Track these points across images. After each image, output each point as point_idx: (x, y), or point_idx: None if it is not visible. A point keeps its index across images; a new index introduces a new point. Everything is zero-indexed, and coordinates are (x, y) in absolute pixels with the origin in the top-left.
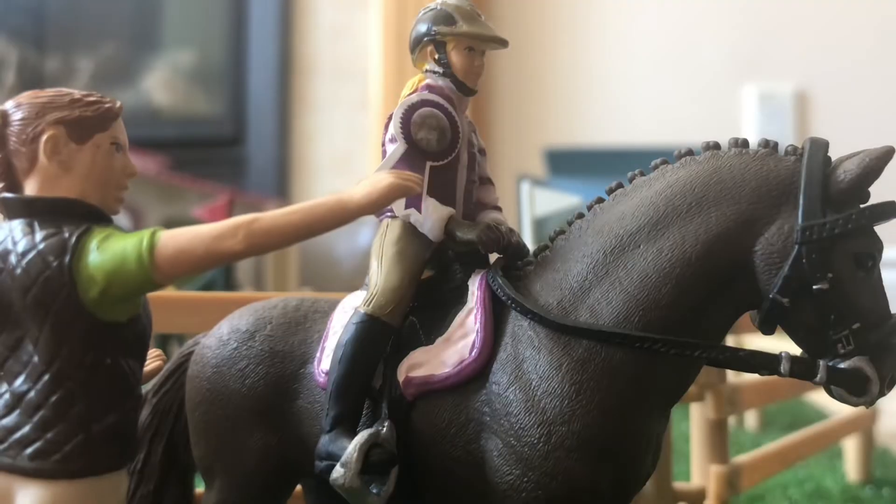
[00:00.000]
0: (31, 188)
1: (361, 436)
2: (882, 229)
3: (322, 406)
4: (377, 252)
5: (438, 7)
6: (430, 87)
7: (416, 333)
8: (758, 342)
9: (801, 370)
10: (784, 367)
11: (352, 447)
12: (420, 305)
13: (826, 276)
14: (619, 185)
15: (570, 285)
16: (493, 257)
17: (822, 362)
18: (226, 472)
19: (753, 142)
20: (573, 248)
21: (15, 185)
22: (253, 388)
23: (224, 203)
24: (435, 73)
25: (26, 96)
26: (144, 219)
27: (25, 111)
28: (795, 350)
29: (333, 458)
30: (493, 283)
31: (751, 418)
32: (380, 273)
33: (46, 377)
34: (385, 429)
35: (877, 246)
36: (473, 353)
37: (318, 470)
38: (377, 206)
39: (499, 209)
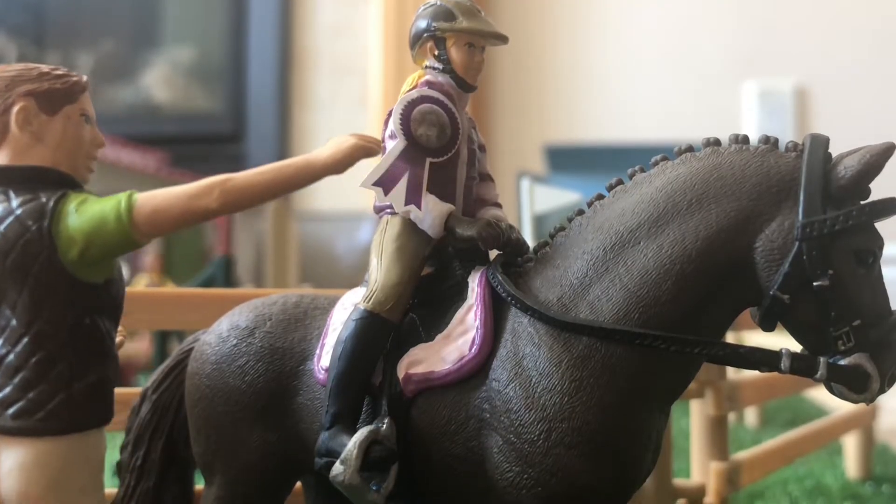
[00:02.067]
0: (2, 158)
1: (361, 433)
2: (882, 226)
3: (322, 403)
4: (377, 249)
5: (438, 3)
6: (429, 84)
7: (416, 330)
8: (758, 339)
9: (802, 367)
10: (784, 363)
11: (352, 444)
12: (420, 302)
13: (826, 272)
14: (620, 182)
15: (571, 282)
16: (493, 254)
17: (822, 359)
18: (226, 469)
19: (754, 138)
20: (573, 244)
21: None
22: (253, 384)
23: None
24: (435, 69)
25: None
26: None
27: None
28: (796, 347)
29: (333, 454)
30: (493, 279)
31: (751, 415)
32: (380, 269)
33: (26, 339)
34: (385, 426)
35: (877, 242)
36: (473, 350)
37: (318, 467)
38: (341, 165)
39: (499, 206)
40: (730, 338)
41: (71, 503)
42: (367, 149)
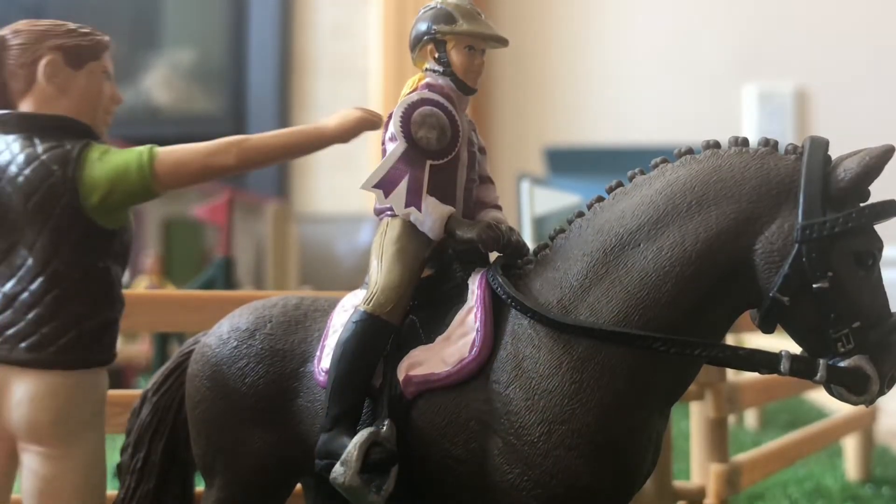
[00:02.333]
0: (25, 107)
1: (361, 434)
2: (882, 228)
3: (322, 405)
4: (377, 250)
5: (438, 6)
6: (430, 86)
7: (416, 332)
8: (758, 341)
9: (801, 369)
10: (784, 365)
11: (352, 446)
12: (420, 304)
13: (826, 274)
14: (619, 184)
15: (571, 284)
16: (493, 256)
17: (822, 361)
18: (226, 471)
19: (753, 140)
20: (573, 246)
21: (8, 105)
22: (253, 386)
23: (224, 201)
24: (435, 71)
25: (24, 24)
26: (143, 217)
27: (24, 37)
28: (795, 349)
29: (333, 456)
30: (493, 281)
31: (751, 417)
32: (380, 271)
33: (41, 278)
34: (385, 427)
35: (877, 244)
36: (473, 352)
37: (318, 468)
38: (348, 135)
39: (499, 208)
40: (730, 340)
41: (75, 434)
42: (371, 122)
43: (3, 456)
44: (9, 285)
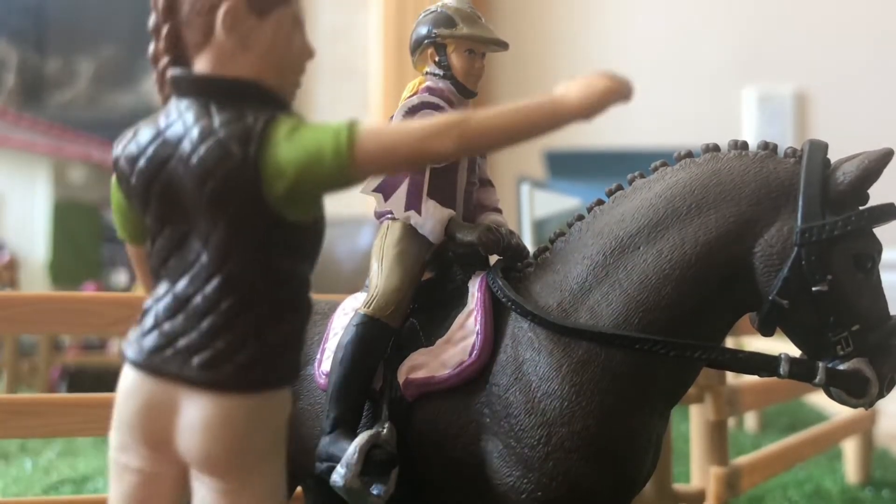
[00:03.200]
0: (201, 65)
1: (362, 437)
2: (881, 231)
3: (322, 407)
4: (377, 254)
5: (439, 9)
6: (430, 90)
7: (417, 335)
8: (757, 344)
9: (801, 372)
10: (783, 368)
11: (352, 448)
12: (420, 307)
13: (825, 277)
14: (619, 187)
15: (570, 287)
16: (493, 259)
17: (821, 364)
18: None
19: (753, 144)
20: (573, 249)
21: (182, 60)
22: None
23: None
24: (435, 75)
25: None
26: None
27: None
28: (795, 352)
29: (334, 459)
30: (493, 284)
31: (750, 420)
32: (380, 275)
33: (217, 280)
34: (385, 430)
35: (876, 247)
36: (473, 355)
37: (319, 471)
38: (594, 111)
39: (499, 211)
40: (729, 343)
41: (253, 465)
42: (620, 92)
43: (170, 481)
44: (181, 284)
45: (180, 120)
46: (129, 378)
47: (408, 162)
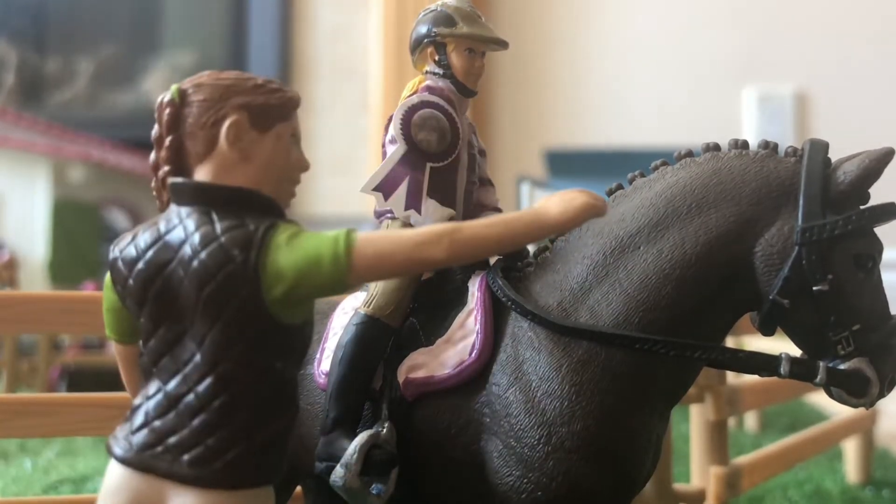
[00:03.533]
0: (203, 174)
1: (361, 437)
2: (882, 230)
3: (322, 407)
4: None
5: (439, 8)
6: (430, 89)
7: (416, 334)
8: (758, 343)
9: (801, 371)
10: (784, 368)
11: (352, 448)
12: (420, 306)
13: (826, 277)
14: (619, 187)
15: (570, 286)
16: (493, 258)
17: (822, 363)
18: None
19: (753, 143)
20: (573, 249)
21: (183, 170)
22: None
23: None
24: (435, 74)
25: (207, 77)
26: (142, 218)
27: (207, 92)
28: (795, 351)
29: (333, 459)
30: (493, 284)
31: (751, 420)
32: None
33: (210, 378)
34: (385, 430)
35: (877, 247)
36: (473, 355)
37: (318, 471)
38: (572, 224)
39: (499, 210)
40: (730, 342)
41: None
42: (597, 207)
43: None
44: (173, 384)
45: (181, 225)
46: (115, 474)
47: (402, 268)
